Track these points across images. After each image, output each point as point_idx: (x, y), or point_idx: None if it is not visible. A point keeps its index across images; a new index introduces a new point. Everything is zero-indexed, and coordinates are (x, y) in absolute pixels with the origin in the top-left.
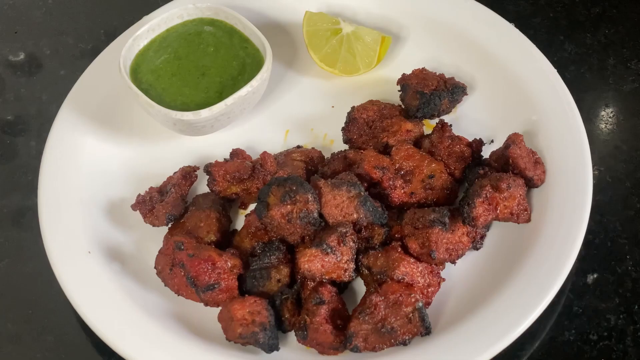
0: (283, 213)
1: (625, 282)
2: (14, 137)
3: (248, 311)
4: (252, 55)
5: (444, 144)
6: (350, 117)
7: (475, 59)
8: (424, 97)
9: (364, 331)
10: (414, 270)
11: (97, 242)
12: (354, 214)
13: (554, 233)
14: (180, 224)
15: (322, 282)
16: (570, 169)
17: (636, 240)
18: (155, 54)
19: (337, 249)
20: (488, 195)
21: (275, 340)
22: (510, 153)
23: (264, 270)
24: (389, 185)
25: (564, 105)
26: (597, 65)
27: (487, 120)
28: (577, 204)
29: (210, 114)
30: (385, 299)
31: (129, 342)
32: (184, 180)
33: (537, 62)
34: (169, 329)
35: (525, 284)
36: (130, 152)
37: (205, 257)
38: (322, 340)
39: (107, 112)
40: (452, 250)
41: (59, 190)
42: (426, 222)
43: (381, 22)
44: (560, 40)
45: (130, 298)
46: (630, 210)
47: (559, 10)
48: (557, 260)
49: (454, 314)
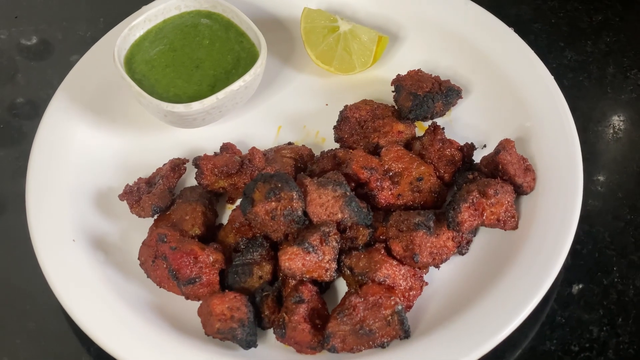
0: (267, 210)
1: (610, 294)
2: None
3: (227, 307)
4: (247, 49)
5: (434, 146)
6: (342, 116)
7: (473, 63)
8: (417, 98)
9: (341, 332)
10: (396, 273)
11: (82, 231)
12: (339, 213)
13: (540, 241)
14: (166, 215)
15: (302, 281)
16: (561, 177)
17: (624, 253)
18: (150, 45)
19: (319, 248)
20: (475, 201)
21: (254, 337)
22: (500, 159)
23: (246, 266)
24: (376, 186)
25: (559, 113)
26: (597, 73)
27: (481, 125)
28: (565, 213)
29: (201, 107)
30: (365, 301)
31: (107, 333)
32: (173, 173)
33: (534, 68)
34: (149, 321)
35: (508, 292)
36: (121, 142)
37: (188, 251)
38: (300, 339)
39: (101, 101)
40: (436, 254)
41: (47, 176)
42: (411, 225)
43: (380, 21)
44: (561, 47)
45: (112, 288)
46: (620, 221)
47: (561, 16)
48: (541, 269)
49: (435, 319)
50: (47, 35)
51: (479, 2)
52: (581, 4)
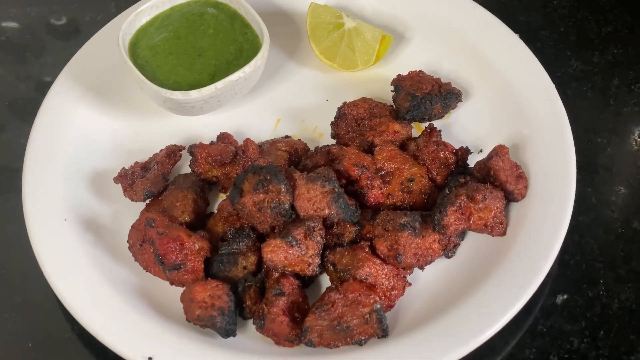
0: (255, 201)
1: (594, 306)
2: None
3: (208, 294)
4: (250, 41)
5: (429, 148)
6: (339, 113)
7: (476, 67)
8: (415, 99)
9: (319, 327)
10: (378, 272)
11: (74, 210)
12: (326, 209)
13: (526, 250)
14: (158, 201)
15: (285, 274)
16: (553, 187)
17: (612, 266)
18: (156, 31)
19: (302, 242)
20: (462, 205)
21: (233, 326)
22: (492, 164)
23: (231, 256)
24: (367, 184)
25: (557, 122)
26: (601, 84)
27: (479, 129)
28: (554, 223)
29: (199, 96)
30: (344, 297)
31: (89, 312)
32: (168, 159)
33: (536, 76)
34: (132, 303)
35: (489, 298)
36: (121, 126)
37: (174, 237)
38: (278, 331)
39: (104, 85)
40: (421, 255)
41: (45, 155)
42: (396, 225)
43: (387, 20)
44: (567, 56)
45: (98, 268)
46: (610, 234)
47: (570, 25)
48: (525, 277)
49: (416, 320)
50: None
51: (489, 7)
52: (591, 14)
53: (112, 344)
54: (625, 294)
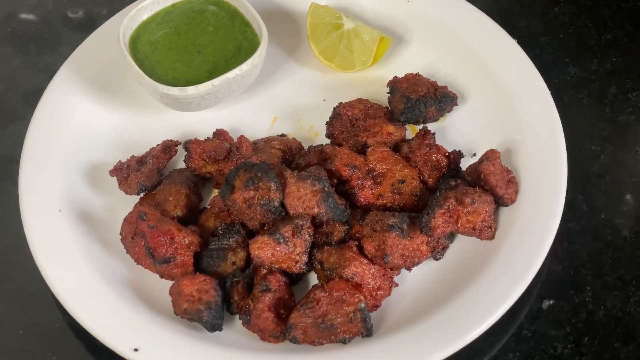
0: (245, 198)
1: (580, 312)
2: None
3: (196, 288)
4: (249, 39)
5: (421, 150)
6: (335, 113)
7: (473, 71)
8: (410, 102)
9: (303, 324)
10: (365, 271)
11: (69, 201)
12: (315, 208)
13: (513, 254)
14: (152, 195)
15: (272, 271)
16: (543, 193)
17: (600, 273)
18: (157, 27)
19: (290, 240)
20: (450, 208)
21: (219, 320)
22: (483, 168)
23: (221, 251)
24: (357, 184)
25: (550, 129)
26: (598, 92)
27: (474, 133)
28: (542, 229)
29: (196, 92)
30: (329, 296)
31: (79, 302)
32: (163, 154)
33: (532, 82)
34: (122, 295)
35: (475, 300)
36: (120, 120)
37: (165, 231)
38: (263, 327)
39: (105, 79)
40: (408, 257)
41: (44, 145)
42: (384, 226)
43: (387, 22)
44: (565, 63)
45: (90, 260)
46: (599, 242)
47: (570, 32)
48: (510, 281)
49: (402, 320)
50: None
51: (490, 12)
52: (592, 22)
53: (99, 334)
54: (611, 301)
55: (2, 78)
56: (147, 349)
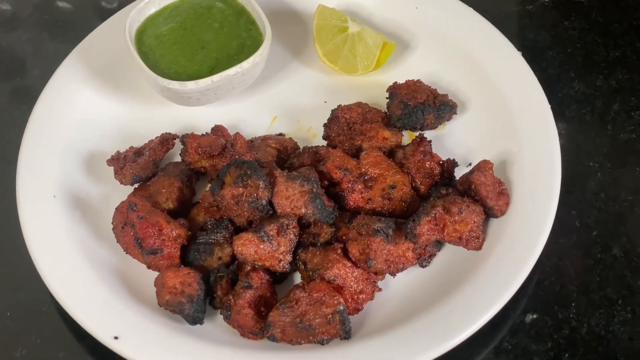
0: (234, 194)
1: (562, 328)
2: None
3: (179, 281)
4: (254, 38)
5: (415, 157)
6: (333, 115)
7: (475, 81)
8: (407, 108)
9: (282, 322)
10: (347, 274)
11: (65, 188)
12: (303, 208)
13: (499, 266)
14: (146, 186)
15: (255, 268)
16: (534, 206)
17: (586, 290)
18: (164, 21)
19: (274, 238)
20: (437, 216)
21: (201, 314)
22: (474, 179)
23: (208, 246)
24: (347, 187)
25: (547, 144)
26: (601, 109)
27: (472, 143)
28: (529, 242)
29: (195, 87)
30: (309, 296)
31: (66, 287)
32: (161, 146)
33: (533, 96)
34: (108, 284)
35: (458, 309)
36: (122, 110)
37: (153, 222)
38: (243, 323)
39: (110, 69)
40: (392, 262)
41: (44, 131)
42: (370, 230)
43: (394, 27)
44: (571, 77)
45: (80, 246)
46: (589, 259)
47: (578, 47)
48: (493, 293)
49: (382, 325)
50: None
51: (499, 22)
52: (601, 38)
53: (81, 320)
54: (595, 319)
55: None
56: (127, 337)
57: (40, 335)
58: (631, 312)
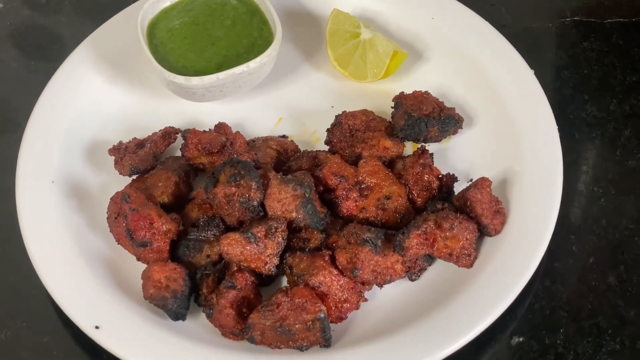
0: (226, 193)
1: (548, 354)
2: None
3: (165, 276)
4: (265, 38)
5: (414, 169)
6: (337, 121)
7: (485, 96)
8: (411, 119)
9: (262, 325)
10: (333, 282)
11: (64, 175)
12: (294, 212)
13: (489, 285)
14: (144, 178)
15: (241, 269)
16: (531, 228)
17: (576, 317)
18: (177, 15)
19: (261, 240)
20: (427, 230)
21: (184, 310)
22: (470, 195)
23: (197, 242)
24: (342, 194)
25: (551, 166)
26: (611, 133)
27: (475, 159)
28: (522, 264)
29: (200, 83)
30: (291, 301)
31: (53, 273)
32: (162, 139)
33: (541, 116)
34: (96, 273)
35: (443, 325)
36: (129, 101)
37: (145, 215)
38: (224, 323)
39: (121, 59)
40: (379, 273)
41: (50, 115)
42: (359, 239)
43: (408, 37)
44: (584, 100)
45: (73, 233)
46: (583, 285)
47: (595, 68)
48: (479, 313)
49: (365, 335)
50: None
51: (517, 39)
52: (619, 61)
53: (64, 306)
54: (582, 347)
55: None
56: (108, 328)
57: (26, 319)
58: (620, 344)
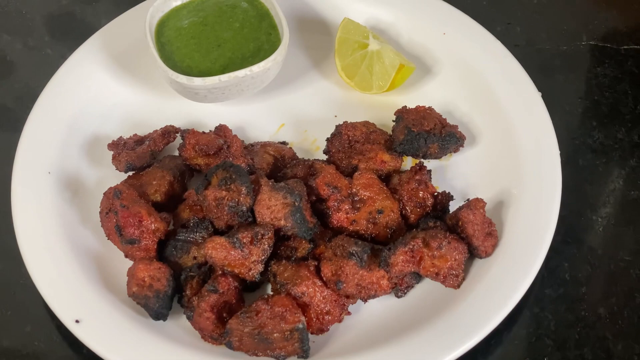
0: (216, 196)
1: None
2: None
3: (149, 274)
4: (272, 42)
5: (409, 185)
6: (337, 130)
7: (490, 116)
8: (410, 134)
9: (240, 331)
10: (315, 293)
11: (62, 167)
12: (282, 220)
13: (473, 307)
14: (139, 175)
15: (224, 274)
16: (521, 254)
17: (562, 346)
18: (187, 14)
19: (247, 246)
20: (414, 248)
21: (165, 310)
22: (461, 215)
23: (185, 244)
24: (333, 205)
25: (549, 192)
26: (616, 162)
27: (474, 178)
28: (509, 289)
29: (202, 84)
30: (271, 309)
31: (39, 263)
32: (162, 138)
33: (543, 140)
34: (83, 267)
35: (425, 344)
36: (133, 98)
37: (135, 212)
38: (204, 326)
39: (128, 55)
40: (364, 288)
41: (53, 106)
42: (345, 252)
43: (419, 51)
44: (592, 126)
45: (64, 225)
46: (571, 314)
47: (606, 95)
48: (463, 334)
49: (345, 349)
50: None
51: (530, 59)
52: (632, 89)
53: (46, 297)
54: None
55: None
56: (88, 323)
57: (11, 307)
58: None
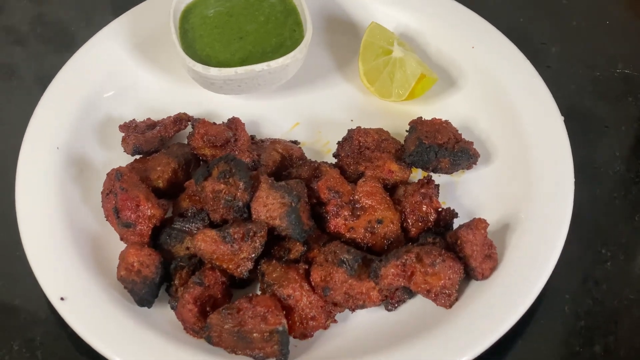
0: (214, 188)
1: None
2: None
3: (139, 260)
4: (295, 39)
5: (414, 198)
6: (348, 135)
7: (508, 136)
8: (421, 146)
9: (219, 327)
10: (302, 297)
11: (71, 144)
12: (277, 219)
13: (463, 329)
14: (146, 160)
15: (213, 268)
16: (519, 280)
17: None
18: (214, 3)
19: (237, 242)
20: (407, 262)
21: (150, 297)
22: (461, 234)
23: (180, 233)
24: (332, 210)
25: (556, 222)
26: (634, 195)
27: (483, 198)
28: (501, 316)
29: (218, 74)
30: (253, 308)
31: (34, 236)
32: (173, 124)
33: (559, 167)
34: (78, 245)
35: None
36: (152, 82)
37: (133, 196)
38: (186, 318)
39: (152, 39)
40: (352, 297)
41: (71, 83)
42: (336, 259)
43: (445, 62)
44: (615, 157)
45: (64, 201)
46: (565, 349)
47: (634, 126)
48: (450, 356)
49: (326, 357)
50: None
51: (560, 83)
52: None
53: (36, 271)
54: None
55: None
56: (72, 301)
57: (3, 278)
58: None
